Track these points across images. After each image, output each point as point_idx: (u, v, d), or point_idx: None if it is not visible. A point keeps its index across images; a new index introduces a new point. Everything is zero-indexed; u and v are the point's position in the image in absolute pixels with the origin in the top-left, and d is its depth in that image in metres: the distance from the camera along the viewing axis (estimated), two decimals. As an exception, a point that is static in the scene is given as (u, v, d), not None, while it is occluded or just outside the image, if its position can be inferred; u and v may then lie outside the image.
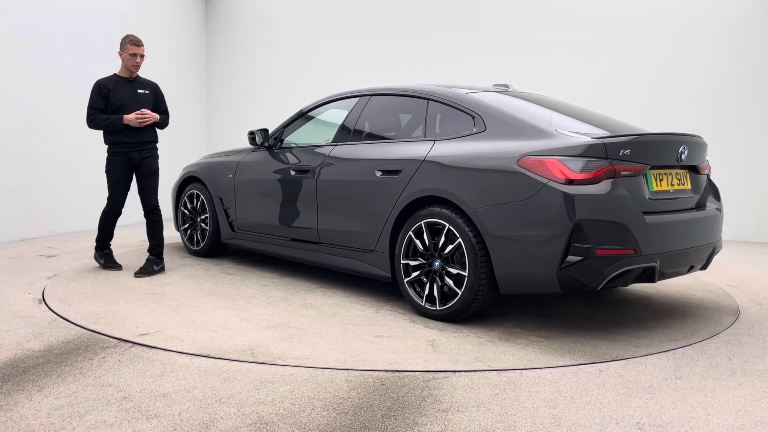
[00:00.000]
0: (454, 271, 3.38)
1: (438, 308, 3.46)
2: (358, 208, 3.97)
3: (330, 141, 4.38)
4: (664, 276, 3.28)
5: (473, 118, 3.57)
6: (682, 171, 3.51)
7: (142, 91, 4.81)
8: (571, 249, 3.00)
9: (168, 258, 5.28)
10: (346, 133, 4.29)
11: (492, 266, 3.26)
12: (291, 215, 4.53)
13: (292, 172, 4.51)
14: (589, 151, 3.08)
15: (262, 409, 2.27)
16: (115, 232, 5.02)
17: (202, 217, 5.46)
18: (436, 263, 3.47)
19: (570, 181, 3.03)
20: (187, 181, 5.73)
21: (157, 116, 4.78)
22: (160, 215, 4.93)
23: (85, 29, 7.20)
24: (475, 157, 3.40)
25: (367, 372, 2.66)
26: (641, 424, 2.17)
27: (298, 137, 4.80)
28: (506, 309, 3.75)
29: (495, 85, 4.36)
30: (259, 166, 4.90)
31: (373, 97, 4.27)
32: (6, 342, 3.03)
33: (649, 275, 3.20)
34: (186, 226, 5.68)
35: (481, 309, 3.41)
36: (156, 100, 4.93)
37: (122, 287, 4.31)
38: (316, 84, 8.72)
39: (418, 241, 3.55)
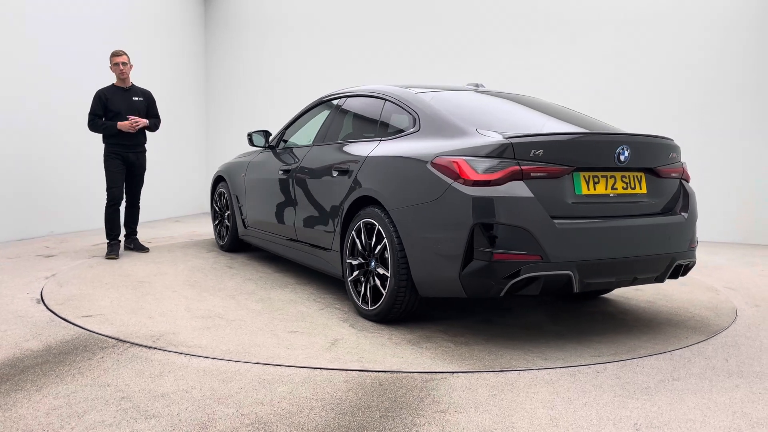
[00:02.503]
0: (381, 271, 3.37)
1: (369, 308, 3.47)
2: (320, 207, 4.06)
3: (311, 142, 4.53)
4: (589, 286, 3.04)
5: (414, 117, 3.56)
6: (633, 174, 3.22)
7: (136, 99, 5.47)
8: (474, 253, 2.90)
9: (195, 250, 5.87)
10: (322, 134, 4.42)
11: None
12: (279, 213, 4.72)
13: (280, 172, 4.68)
14: (495, 152, 2.94)
15: (261, 409, 2.27)
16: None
17: (226, 214, 5.80)
18: (372, 263, 3.46)
19: (472, 182, 2.92)
20: (218, 180, 6.06)
21: (146, 121, 5.45)
22: (139, 207, 5.76)
23: (83, 29, 7.20)
24: (400, 156, 3.38)
25: (366, 372, 2.67)
26: (638, 426, 2.18)
27: (296, 138, 4.97)
28: (450, 312, 3.71)
29: (468, 84, 4.35)
30: (261, 166, 5.09)
31: (348, 98, 4.35)
32: (4, 342, 3.03)
33: (566, 284, 2.98)
34: (216, 222, 6.04)
35: (406, 311, 3.35)
36: (149, 106, 5.58)
37: (121, 275, 4.64)
38: (317, 82, 8.72)
39: (358, 241, 3.56)
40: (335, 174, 3.86)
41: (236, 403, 2.32)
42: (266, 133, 5.11)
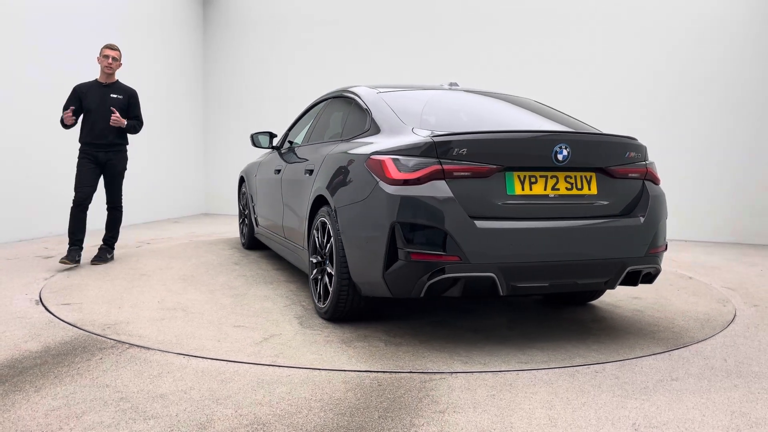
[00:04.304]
0: (329, 270, 3.39)
1: (321, 306, 3.50)
2: (296, 206, 4.15)
3: (300, 143, 4.66)
4: (517, 289, 2.92)
5: (369, 117, 3.58)
6: (581, 174, 3.06)
7: (114, 96, 5.07)
8: (397, 252, 2.87)
9: (219, 247, 6.18)
10: (308, 135, 4.54)
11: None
12: (274, 213, 4.86)
13: (274, 173, 4.82)
14: (417, 150, 2.91)
15: (259, 410, 2.27)
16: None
17: (247, 212, 6.02)
18: (327, 262, 3.48)
19: (394, 181, 2.90)
20: (242, 180, 6.25)
21: (124, 121, 5.01)
22: (121, 211, 5.32)
23: (81, 29, 7.19)
24: (345, 155, 3.42)
25: (364, 373, 2.67)
26: (637, 425, 2.18)
27: (297, 139, 5.06)
28: (409, 313, 3.69)
29: (447, 83, 4.32)
30: (266, 167, 5.26)
31: (332, 99, 4.42)
32: (3, 343, 3.03)
33: (492, 287, 2.88)
34: (240, 221, 6.29)
35: (351, 310, 3.34)
36: (129, 105, 5.15)
37: (130, 267, 4.97)
38: (317, 82, 8.70)
39: (316, 240, 3.61)
40: (306, 174, 3.95)
41: (235, 403, 2.32)
42: (270, 135, 5.18)
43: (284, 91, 9.33)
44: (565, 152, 2.96)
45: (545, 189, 2.99)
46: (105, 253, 5.20)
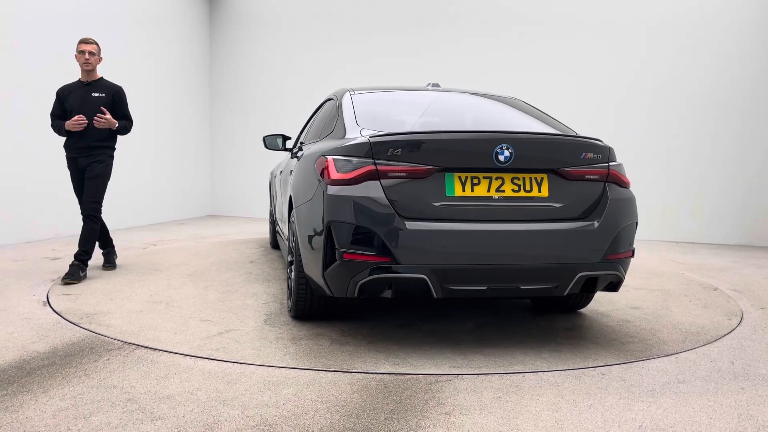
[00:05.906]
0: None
1: (289, 304, 3.55)
2: (285, 206, 4.23)
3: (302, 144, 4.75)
4: (453, 292, 2.85)
5: (337, 119, 3.61)
6: (530, 175, 2.96)
7: (96, 95, 4.67)
8: (334, 252, 2.89)
9: (245, 246, 6.38)
10: (305, 137, 4.61)
11: None
12: (278, 212, 5.03)
13: (279, 174, 5.02)
14: (354, 151, 2.93)
15: (266, 411, 2.28)
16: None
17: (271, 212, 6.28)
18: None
19: (334, 182, 2.92)
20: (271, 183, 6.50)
21: (114, 122, 4.64)
22: (97, 222, 4.68)
23: (86, 28, 7.21)
24: (307, 157, 3.48)
25: (371, 375, 2.67)
26: (643, 428, 2.18)
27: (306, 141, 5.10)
28: (381, 314, 3.68)
29: (429, 84, 4.28)
30: (279, 169, 5.44)
31: (327, 101, 4.47)
32: (11, 344, 3.05)
33: (425, 289, 2.83)
34: (270, 221, 6.51)
35: (312, 309, 3.36)
36: (114, 104, 4.73)
37: (150, 261, 5.20)
38: (325, 82, 8.72)
39: (290, 239, 3.68)
40: (289, 175, 4.05)
41: (241, 404, 2.33)
42: (283, 137, 5.22)
43: (291, 90, 9.34)
44: (507, 153, 2.88)
45: (489, 190, 2.92)
46: (78, 271, 4.48)
